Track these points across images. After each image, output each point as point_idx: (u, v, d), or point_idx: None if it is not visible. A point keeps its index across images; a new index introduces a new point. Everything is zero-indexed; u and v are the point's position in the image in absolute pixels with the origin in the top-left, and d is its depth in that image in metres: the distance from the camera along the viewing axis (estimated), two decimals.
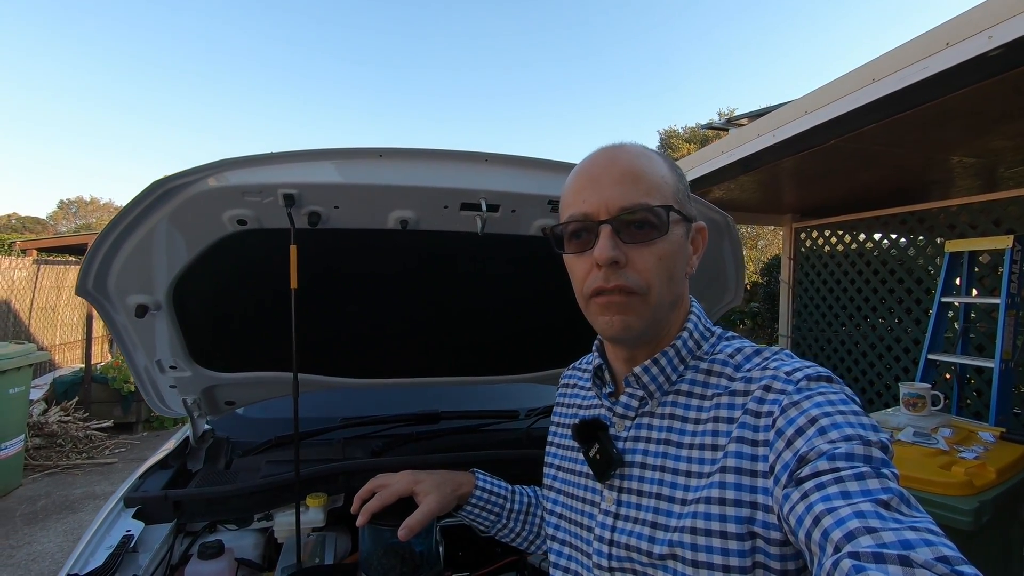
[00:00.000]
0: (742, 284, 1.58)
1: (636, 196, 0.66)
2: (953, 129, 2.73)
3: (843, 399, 0.58)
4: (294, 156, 1.06)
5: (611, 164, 0.69)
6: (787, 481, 0.54)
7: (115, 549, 1.18)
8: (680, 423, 0.69)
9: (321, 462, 1.46)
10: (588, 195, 0.68)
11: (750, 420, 0.62)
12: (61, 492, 4.31)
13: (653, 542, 0.65)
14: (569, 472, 0.81)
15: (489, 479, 0.97)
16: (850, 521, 0.46)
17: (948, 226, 3.78)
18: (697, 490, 0.63)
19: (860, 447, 0.52)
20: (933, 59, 2.15)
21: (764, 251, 16.38)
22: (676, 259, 0.69)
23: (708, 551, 0.60)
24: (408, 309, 1.54)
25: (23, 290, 7.77)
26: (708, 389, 0.68)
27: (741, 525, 0.59)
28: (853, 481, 0.50)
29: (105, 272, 1.19)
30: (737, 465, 0.61)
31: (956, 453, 1.81)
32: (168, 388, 1.56)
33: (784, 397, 0.60)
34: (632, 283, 0.66)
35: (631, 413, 0.74)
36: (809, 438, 0.55)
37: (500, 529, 0.95)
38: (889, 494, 0.48)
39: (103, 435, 5.52)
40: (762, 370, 0.65)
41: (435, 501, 0.86)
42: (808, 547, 0.50)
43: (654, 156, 0.71)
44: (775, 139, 3.11)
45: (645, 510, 0.67)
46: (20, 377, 4.24)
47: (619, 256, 0.65)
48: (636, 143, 0.73)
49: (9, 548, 3.42)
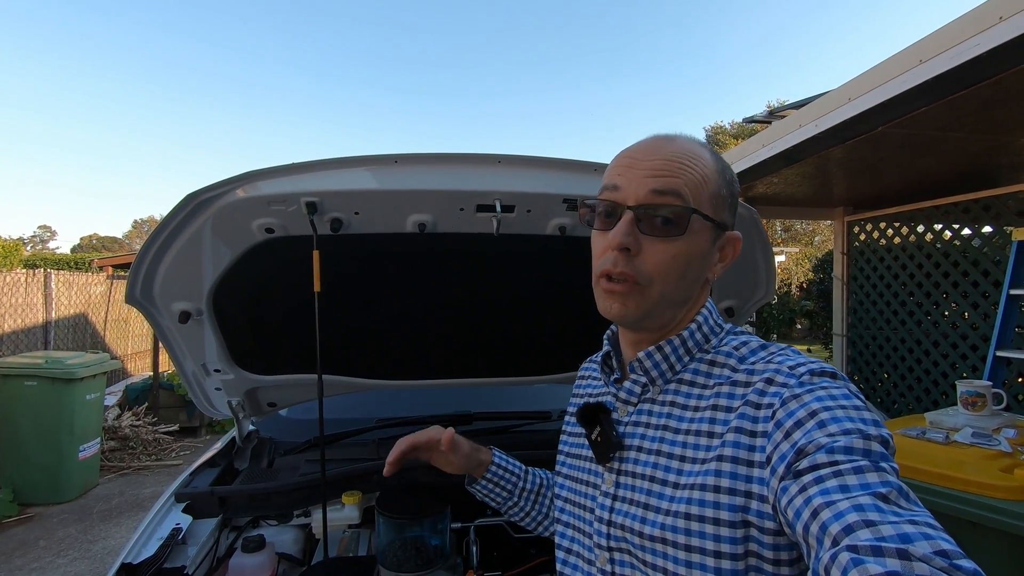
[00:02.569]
0: (773, 280, 1.53)
1: (666, 190, 0.66)
2: (1016, 108, 2.54)
3: (845, 394, 0.58)
4: (314, 165, 1.12)
5: (653, 153, 0.69)
6: (785, 473, 0.54)
7: (165, 540, 1.26)
8: (680, 410, 0.70)
9: (357, 461, 1.52)
10: (622, 178, 0.69)
11: (750, 411, 0.62)
12: (133, 491, 4.62)
13: (644, 523, 0.66)
14: (576, 457, 0.83)
15: (505, 457, 1.01)
16: (848, 514, 0.46)
17: (1016, 213, 3.50)
18: (691, 475, 0.64)
19: (859, 441, 0.52)
20: (985, 35, 2.01)
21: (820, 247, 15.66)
22: (691, 261, 0.69)
23: (701, 536, 0.61)
24: (432, 311, 1.58)
25: (99, 304, 8.39)
26: (711, 379, 0.69)
27: (735, 513, 0.59)
28: (852, 475, 0.49)
29: (150, 281, 1.28)
30: (734, 454, 0.61)
31: (1020, 455, 1.68)
32: (214, 391, 1.66)
33: (785, 390, 0.60)
34: (637, 273, 0.67)
35: (634, 399, 0.75)
36: (808, 431, 0.55)
37: (511, 507, 0.99)
38: (888, 488, 0.48)
39: (170, 438, 5.89)
40: (766, 363, 0.65)
41: (463, 441, 0.94)
42: (806, 540, 0.49)
43: (703, 155, 0.70)
44: (818, 128, 2.98)
45: (639, 492, 0.69)
46: (96, 384, 4.58)
47: (632, 244, 0.66)
48: (692, 138, 0.72)
49: (87, 542, 3.69)
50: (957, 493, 1.61)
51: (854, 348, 4.79)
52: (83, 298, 8.01)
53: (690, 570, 0.61)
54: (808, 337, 13.28)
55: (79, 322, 7.90)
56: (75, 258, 13.03)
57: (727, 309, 1.61)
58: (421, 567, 0.90)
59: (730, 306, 1.61)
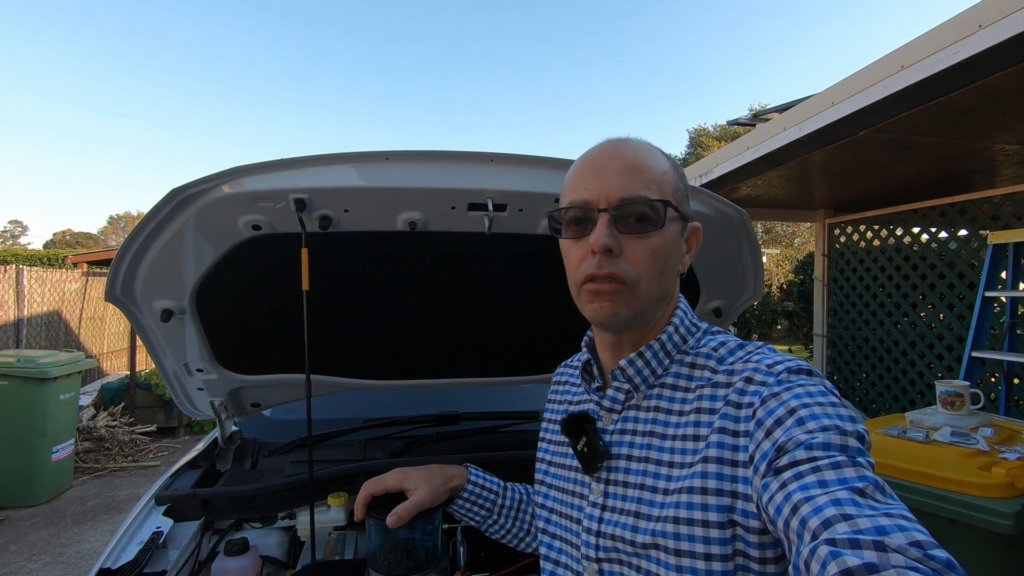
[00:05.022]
0: (761, 280, 1.54)
1: (636, 189, 0.67)
2: (992, 114, 2.61)
3: (822, 391, 0.59)
4: (303, 161, 1.09)
5: (615, 155, 0.70)
6: (766, 471, 0.55)
7: (145, 545, 1.23)
8: (664, 415, 0.70)
9: (342, 462, 1.49)
10: (590, 183, 0.69)
11: (731, 411, 0.63)
12: (108, 493, 4.51)
13: (636, 531, 0.66)
14: (559, 467, 0.82)
15: (481, 474, 0.99)
16: (827, 509, 0.47)
17: (991, 217, 3.60)
18: (679, 480, 0.64)
19: (837, 437, 0.53)
20: (965, 43, 2.06)
21: (800, 249, 15.92)
22: (669, 255, 0.70)
23: (691, 540, 0.61)
24: (422, 310, 1.56)
25: (73, 301, 8.17)
26: (692, 382, 0.69)
27: (722, 514, 0.60)
28: (830, 470, 0.50)
29: (131, 279, 1.25)
30: (719, 455, 0.61)
31: (997, 454, 1.72)
32: (196, 391, 1.62)
33: (764, 388, 0.61)
34: (623, 272, 0.67)
35: (618, 407, 0.75)
36: (788, 428, 0.55)
37: (491, 525, 0.97)
38: (864, 482, 0.49)
39: (147, 439, 5.75)
40: (744, 363, 0.66)
41: (425, 493, 0.88)
42: (787, 535, 0.50)
43: (656, 152, 0.72)
44: (801, 132, 3.03)
45: (630, 500, 0.68)
46: (70, 383, 4.46)
47: (614, 245, 0.66)
48: (641, 138, 0.74)
49: (60, 546, 3.59)
50: (937, 491, 1.64)
51: (834, 348, 4.88)
52: (57, 295, 7.80)
53: (680, 574, 0.61)
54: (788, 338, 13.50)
55: (53, 320, 7.69)
56: (48, 254, 12.67)
57: (715, 310, 1.62)
58: (412, 570, 0.89)
59: (718, 306, 1.62)
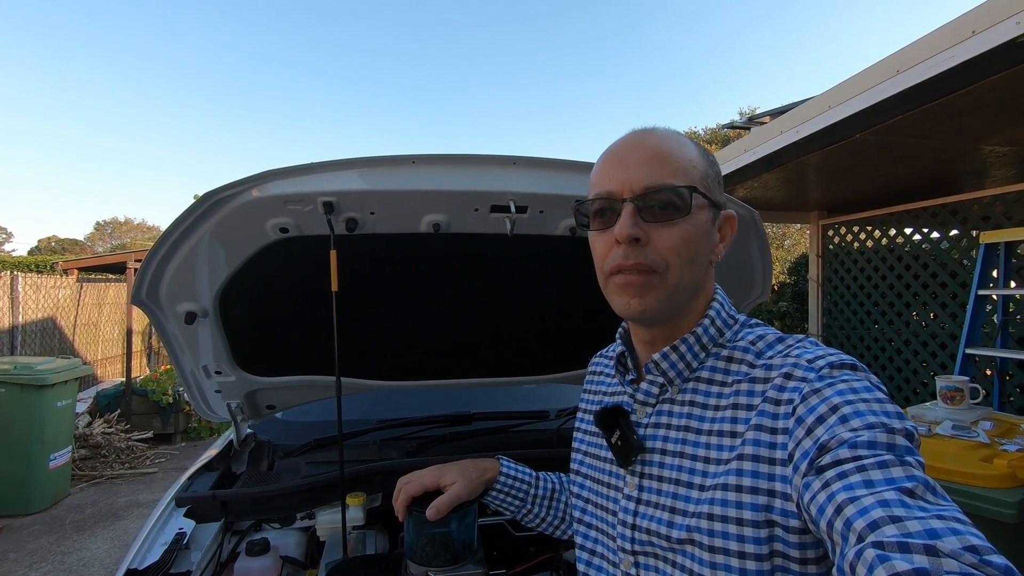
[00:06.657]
0: (769, 280, 1.58)
1: (661, 177, 0.66)
2: (984, 118, 2.68)
3: (867, 387, 0.57)
4: (332, 165, 1.12)
5: (639, 145, 0.69)
6: (807, 470, 0.53)
7: (169, 546, 1.24)
8: (700, 410, 0.69)
9: (358, 463, 1.51)
10: (614, 174, 0.68)
11: (769, 408, 0.61)
12: (107, 501, 4.47)
13: (672, 527, 0.65)
14: (594, 458, 0.82)
15: (513, 465, 0.99)
16: (873, 510, 0.45)
17: (982, 217, 3.68)
18: (715, 476, 0.63)
19: (883, 435, 0.51)
20: (959, 48, 2.12)
21: (791, 250, 16.08)
22: (699, 242, 0.68)
23: (724, 537, 0.60)
24: (442, 312, 1.58)
25: (67, 308, 8.10)
26: (729, 376, 0.68)
27: (758, 512, 0.58)
28: (876, 469, 0.48)
29: (157, 282, 1.26)
30: (755, 452, 0.60)
31: (998, 446, 1.77)
32: (213, 393, 1.63)
33: (805, 385, 0.59)
34: (651, 261, 0.66)
35: (652, 400, 0.74)
36: (830, 426, 0.53)
37: (526, 514, 0.98)
38: (914, 482, 0.47)
39: (144, 446, 5.72)
40: (784, 357, 0.64)
41: (461, 487, 0.90)
42: (830, 537, 0.48)
43: (684, 140, 0.71)
44: (799, 135, 3.08)
45: (665, 495, 0.68)
46: (67, 391, 4.42)
47: (639, 234, 0.65)
48: (668, 128, 0.73)
49: (61, 554, 3.56)
50: (941, 483, 1.68)
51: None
52: (51, 302, 7.72)
53: (715, 571, 0.60)
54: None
55: (47, 326, 7.61)
56: (35, 260, 12.46)
57: None
58: (450, 561, 0.91)
59: None
